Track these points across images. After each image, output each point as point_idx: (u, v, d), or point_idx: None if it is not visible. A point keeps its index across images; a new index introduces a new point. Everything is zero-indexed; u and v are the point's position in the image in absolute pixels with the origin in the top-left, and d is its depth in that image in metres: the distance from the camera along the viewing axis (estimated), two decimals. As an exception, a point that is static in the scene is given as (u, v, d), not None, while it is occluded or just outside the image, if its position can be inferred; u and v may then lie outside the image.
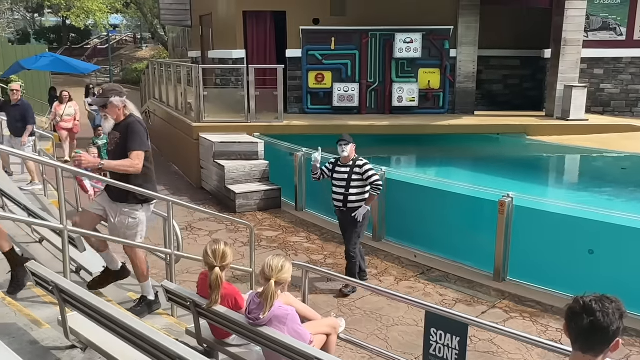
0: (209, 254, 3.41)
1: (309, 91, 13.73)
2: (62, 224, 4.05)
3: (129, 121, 4.42)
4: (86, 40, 47.24)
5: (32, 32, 46.93)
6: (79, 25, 30.69)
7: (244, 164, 10.27)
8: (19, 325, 3.48)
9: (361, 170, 6.14)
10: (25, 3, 38.80)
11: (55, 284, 2.99)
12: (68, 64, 15.55)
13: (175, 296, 3.56)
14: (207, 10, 16.05)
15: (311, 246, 7.94)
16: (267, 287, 3.08)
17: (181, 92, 13.16)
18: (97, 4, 28.73)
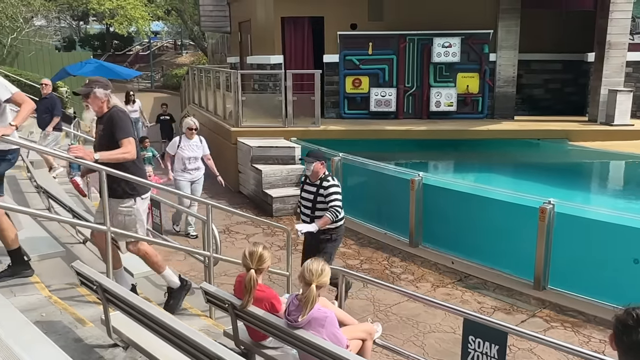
0: (246, 255, 3.47)
1: (346, 96, 13.74)
2: (105, 225, 4.16)
3: (111, 112, 4.35)
4: (128, 47, 48.48)
5: (77, 39, 48.43)
6: (122, 32, 31.43)
7: (281, 169, 10.35)
8: (64, 323, 3.59)
9: (325, 192, 5.47)
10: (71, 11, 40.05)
11: (99, 284, 3.08)
12: (111, 70, 15.98)
13: (213, 298, 3.61)
14: (246, 17, 16.27)
15: (347, 251, 7.93)
16: (308, 291, 3.10)
17: (220, 97, 13.36)
18: (139, 12, 29.41)
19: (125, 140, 4.25)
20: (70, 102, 18.54)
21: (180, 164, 8.22)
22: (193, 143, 8.32)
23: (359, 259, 7.60)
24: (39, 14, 25.48)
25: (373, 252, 7.81)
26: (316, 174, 5.57)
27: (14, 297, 3.81)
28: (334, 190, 5.50)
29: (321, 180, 5.55)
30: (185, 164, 8.20)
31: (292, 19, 14.06)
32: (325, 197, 5.48)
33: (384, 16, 13.76)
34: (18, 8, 22.26)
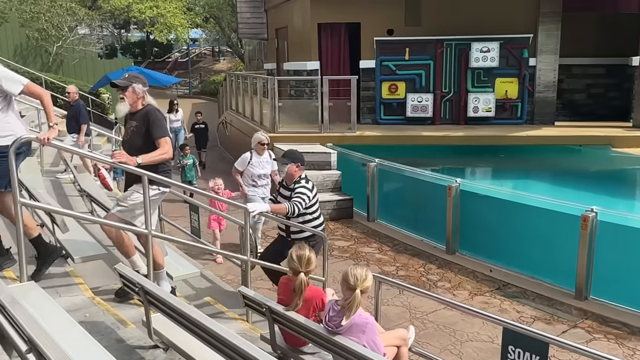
0: (294, 259, 3.51)
1: (382, 102, 13.71)
2: (146, 228, 4.25)
3: (147, 110, 4.39)
4: (168, 54, 49.53)
5: (118, 47, 49.76)
6: (162, 39, 32.24)
7: (317, 174, 10.36)
8: (106, 323, 3.68)
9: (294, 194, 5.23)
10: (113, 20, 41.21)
11: (141, 286, 3.15)
12: (152, 77, 16.29)
13: (251, 302, 3.65)
14: (283, 24, 16.42)
15: (383, 257, 7.89)
16: (352, 296, 3.09)
17: (257, 103, 13.50)
18: (178, 20, 30.08)
19: (163, 140, 4.30)
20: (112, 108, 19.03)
21: (250, 180, 7.60)
22: (264, 159, 7.62)
23: (394, 266, 7.56)
24: (83, 23, 26.26)
25: (409, 259, 7.75)
26: (290, 177, 5.30)
27: (60, 298, 3.93)
28: (300, 190, 5.21)
29: (295, 183, 5.30)
30: (255, 182, 7.56)
31: (328, 25, 14.13)
32: (292, 192, 5.23)
33: (421, 21, 13.69)
34: (63, 17, 23.01)
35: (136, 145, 4.31)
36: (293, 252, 3.56)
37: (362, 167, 9.97)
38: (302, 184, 5.27)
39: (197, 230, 6.69)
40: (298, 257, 3.51)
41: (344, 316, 3.07)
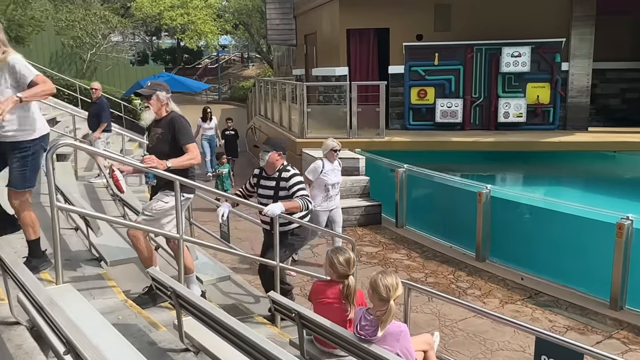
0: (342, 263, 3.50)
1: (411, 107, 13.65)
2: (178, 232, 4.31)
3: (171, 117, 4.44)
4: (197, 60, 50.27)
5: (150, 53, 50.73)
6: (192, 46, 32.80)
7: (345, 179, 10.30)
8: (139, 326, 3.74)
9: (287, 184, 5.01)
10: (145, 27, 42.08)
11: (173, 290, 3.20)
12: (182, 83, 16.57)
13: (280, 307, 3.66)
14: (312, 30, 16.51)
15: (412, 264, 7.84)
16: (387, 307, 3.05)
17: (285, 108, 13.58)
18: (208, 26, 30.54)
19: (191, 146, 4.37)
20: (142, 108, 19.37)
21: (322, 190, 7.22)
22: (335, 167, 7.34)
23: (423, 272, 7.50)
24: (116, 31, 26.85)
25: (438, 266, 7.68)
26: (272, 166, 5.07)
27: (94, 300, 4.01)
28: (297, 179, 5.02)
29: (279, 171, 5.07)
30: (329, 191, 7.23)
31: (357, 31, 14.15)
32: (289, 189, 4.97)
33: (451, 26, 13.60)
34: (97, 25, 23.60)
35: (162, 152, 4.36)
36: (337, 256, 3.57)
37: (391, 172, 9.93)
38: (292, 171, 5.07)
39: (227, 235, 6.75)
40: (346, 261, 3.52)
41: (377, 326, 3.04)
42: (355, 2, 13.84)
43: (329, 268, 3.64)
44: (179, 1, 30.23)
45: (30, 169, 3.95)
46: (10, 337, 2.88)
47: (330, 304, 3.59)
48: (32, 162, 3.94)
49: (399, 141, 12.08)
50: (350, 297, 3.47)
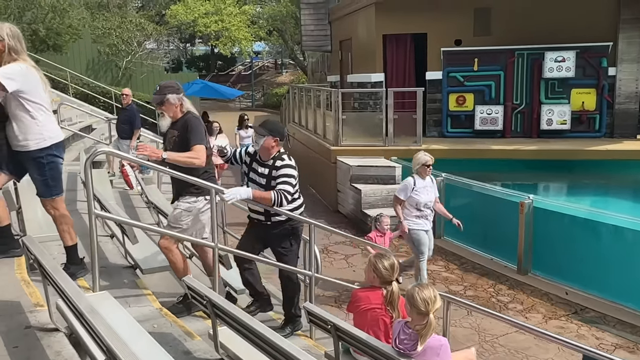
0: (387, 267, 3.52)
1: (449, 114, 13.54)
2: (212, 241, 4.37)
3: (186, 118, 4.40)
4: (231, 67, 50.97)
5: (184, 60, 51.71)
6: (226, 53, 33.25)
7: (381, 188, 10.35)
8: (174, 335, 3.81)
9: (276, 173, 4.60)
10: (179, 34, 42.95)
11: (209, 299, 3.24)
12: (216, 90, 16.89)
13: (316, 318, 3.67)
14: (347, 35, 16.55)
15: (450, 276, 7.75)
16: (427, 321, 3.02)
17: (320, 116, 13.64)
18: (242, 33, 30.96)
19: (198, 147, 4.28)
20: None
21: (413, 210, 6.69)
22: (427, 183, 6.73)
23: (462, 285, 7.40)
24: (151, 38, 27.50)
25: (478, 279, 7.58)
26: (266, 152, 4.65)
27: (129, 308, 4.10)
28: (285, 171, 4.56)
29: (274, 159, 4.65)
30: (422, 210, 6.67)
31: (394, 36, 14.13)
32: (275, 179, 4.57)
33: (491, 30, 13.45)
34: (133, 33, 24.21)
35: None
36: (382, 261, 3.58)
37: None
38: (286, 161, 4.62)
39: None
40: (391, 266, 3.53)
41: (416, 340, 3.02)
42: (391, 7, 13.84)
43: (372, 273, 3.65)
44: (213, 8, 30.77)
45: (51, 177, 3.98)
46: (49, 344, 2.97)
47: (373, 310, 3.60)
48: (50, 171, 3.96)
49: (437, 149, 11.93)
50: (395, 303, 3.49)
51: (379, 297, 3.63)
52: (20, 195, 5.34)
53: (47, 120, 3.94)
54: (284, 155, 4.68)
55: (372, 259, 3.67)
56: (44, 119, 3.91)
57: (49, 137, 3.94)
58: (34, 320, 3.25)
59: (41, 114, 3.89)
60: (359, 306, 3.70)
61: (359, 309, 3.71)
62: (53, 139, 3.97)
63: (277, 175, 4.56)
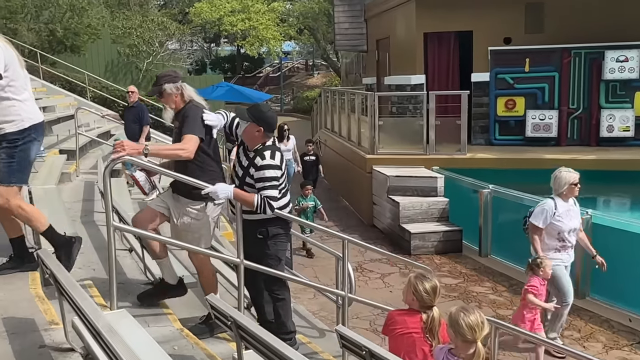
0: (428, 291, 3.48)
1: (497, 119, 13.41)
2: (238, 257, 4.40)
3: (186, 107, 4.39)
4: (258, 68, 51.52)
5: (208, 61, 52.49)
6: (253, 53, 33.62)
7: (421, 201, 10.30)
8: (195, 358, 3.84)
9: (255, 173, 4.32)
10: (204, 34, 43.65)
11: (234, 320, 3.25)
12: (242, 94, 17.08)
13: (350, 343, 3.64)
14: (385, 34, 16.58)
15: (498, 299, 7.65)
16: (475, 351, 2.98)
17: (354, 121, 13.66)
18: (271, 32, 31.28)
19: (187, 137, 4.20)
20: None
21: (554, 240, 5.90)
22: (571, 206, 5.98)
23: (512, 309, 7.28)
24: (174, 38, 28.00)
25: (529, 302, 7.44)
26: (248, 140, 4.40)
27: (148, 328, 4.15)
28: (266, 173, 4.27)
29: (256, 152, 4.36)
30: (564, 239, 5.89)
31: (436, 35, 14.09)
32: (256, 182, 4.31)
33: (544, 27, 13.31)
34: (154, 32, 24.68)
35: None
36: (423, 283, 3.53)
37: (474, 194, 9.77)
38: (267, 160, 4.29)
39: (289, 260, 6.84)
40: (432, 289, 3.48)
41: None
42: (433, 3, 13.82)
43: (411, 296, 3.59)
44: (240, 5, 31.19)
45: (18, 161, 3.92)
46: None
47: (410, 334, 3.56)
48: (20, 155, 3.90)
49: (483, 158, 11.87)
50: (435, 330, 3.43)
51: (417, 321, 3.58)
52: (35, 205, 5.48)
53: (26, 99, 3.92)
54: (267, 151, 4.33)
55: (412, 279, 3.63)
56: (22, 98, 3.88)
57: (28, 117, 3.93)
58: (49, 339, 3.32)
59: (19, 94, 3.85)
60: (394, 329, 3.67)
61: (394, 333, 3.67)
62: (32, 119, 3.96)
63: (258, 177, 4.30)
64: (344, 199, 14.12)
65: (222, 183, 4.31)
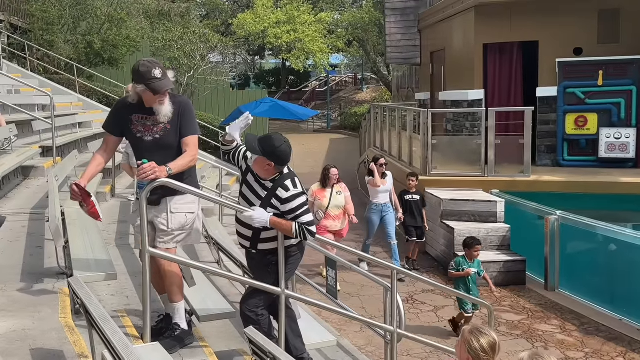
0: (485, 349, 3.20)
1: (565, 138, 13.14)
2: (280, 287, 4.38)
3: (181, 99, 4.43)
4: (304, 82, 52.07)
5: (251, 75, 53.41)
6: (298, 67, 34.02)
7: (479, 227, 10.15)
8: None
9: (283, 207, 4.26)
10: (247, 46, 44.43)
11: (274, 356, 3.23)
12: (287, 110, 17.16)
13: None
14: (440, 46, 16.51)
15: (566, 339, 7.43)
16: None
17: (405, 139, 13.60)
18: (318, 44, 31.59)
19: (194, 139, 4.30)
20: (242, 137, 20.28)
21: None
22: None
23: (583, 352, 7.08)
24: (216, 50, 28.52)
25: (603, 344, 7.22)
26: (261, 173, 4.35)
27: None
28: (296, 203, 4.26)
29: (275, 183, 4.32)
30: None
31: (497, 46, 13.95)
32: (285, 214, 4.27)
33: (620, 37, 13.03)
34: (196, 45, 25.18)
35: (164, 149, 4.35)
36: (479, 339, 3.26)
37: (539, 220, 9.59)
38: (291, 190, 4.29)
39: (334, 290, 6.77)
40: (490, 347, 3.23)
41: None
42: (494, 12, 13.70)
43: (465, 354, 3.34)
44: (285, 17, 31.66)
45: None
46: (93, 401, 3.05)
47: None
48: None
49: (550, 181, 11.64)
50: None
51: None
52: (67, 227, 5.60)
53: None
54: (287, 181, 4.31)
55: (466, 333, 3.34)
56: None
57: None
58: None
59: None
60: None
61: None
62: None
63: (287, 210, 4.26)
64: (394, 224, 14.01)
65: (260, 209, 4.29)
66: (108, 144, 4.52)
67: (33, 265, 5.45)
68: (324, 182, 9.22)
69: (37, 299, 4.50)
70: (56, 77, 18.50)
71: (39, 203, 7.85)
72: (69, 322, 3.96)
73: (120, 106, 4.52)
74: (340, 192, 9.27)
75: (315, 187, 9.29)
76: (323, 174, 9.33)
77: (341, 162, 23.58)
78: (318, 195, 9.16)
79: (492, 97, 14.00)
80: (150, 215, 4.32)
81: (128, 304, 5.08)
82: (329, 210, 9.08)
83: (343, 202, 9.24)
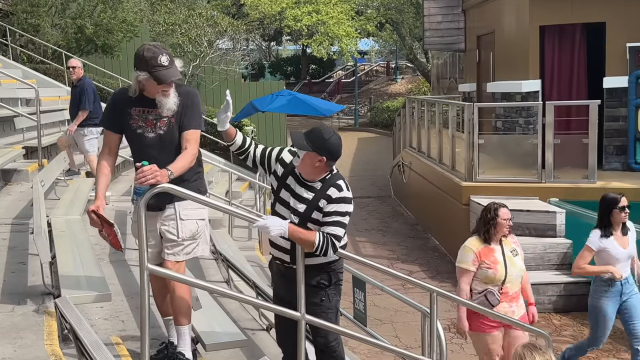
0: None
1: (638, 137, 13.01)
2: (299, 312, 4.37)
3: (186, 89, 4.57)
4: (328, 72, 52.15)
5: (267, 64, 53.60)
6: (321, 54, 33.86)
7: (535, 242, 10.13)
8: None
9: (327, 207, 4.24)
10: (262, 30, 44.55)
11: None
12: (308, 104, 17.11)
13: None
14: (488, 29, 16.45)
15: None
16: None
17: (447, 139, 13.55)
18: (344, 28, 31.45)
19: (197, 135, 4.37)
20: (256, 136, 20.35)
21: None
22: None
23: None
24: (226, 35, 28.57)
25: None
26: (308, 173, 4.31)
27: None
28: (342, 208, 4.25)
29: (325, 182, 4.30)
30: None
31: (555, 28, 13.86)
32: (325, 215, 4.25)
33: None
34: (203, 29, 25.27)
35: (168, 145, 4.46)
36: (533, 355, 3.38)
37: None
38: (344, 192, 4.28)
39: (363, 315, 6.74)
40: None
41: None
42: (553, -12, 13.65)
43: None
44: (306, -5, 31.62)
45: None
46: None
47: None
48: None
49: (620, 187, 11.46)
50: None
51: None
52: (54, 240, 5.65)
53: None
54: (340, 180, 4.32)
55: (519, 350, 3.50)
56: None
57: None
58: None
59: None
60: None
61: None
62: None
63: (329, 211, 4.24)
64: (432, 237, 13.94)
65: (275, 217, 4.28)
66: (110, 144, 4.56)
67: (15, 283, 5.49)
68: (487, 233, 6.04)
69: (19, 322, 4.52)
70: (42, 67, 18.68)
71: (21, 212, 7.90)
72: (56, 349, 3.98)
73: (118, 98, 4.57)
74: (517, 252, 6.18)
75: (475, 243, 6.14)
76: (485, 218, 6.10)
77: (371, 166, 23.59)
78: (486, 258, 6.00)
79: (551, 89, 13.95)
80: (157, 224, 4.37)
81: (124, 329, 5.10)
82: (506, 286, 6.03)
83: (523, 267, 6.20)
